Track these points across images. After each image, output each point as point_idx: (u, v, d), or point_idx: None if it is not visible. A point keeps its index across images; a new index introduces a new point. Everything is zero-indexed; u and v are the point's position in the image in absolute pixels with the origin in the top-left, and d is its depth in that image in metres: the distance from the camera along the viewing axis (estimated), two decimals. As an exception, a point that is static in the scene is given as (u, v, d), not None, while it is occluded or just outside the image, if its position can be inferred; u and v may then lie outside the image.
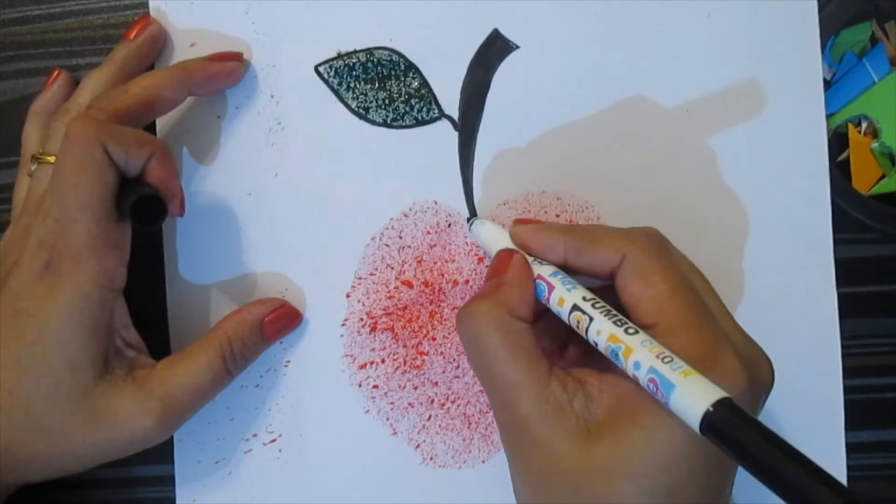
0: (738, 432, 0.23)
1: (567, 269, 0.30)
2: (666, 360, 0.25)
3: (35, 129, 0.35)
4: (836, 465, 0.36)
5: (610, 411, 0.27)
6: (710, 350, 0.27)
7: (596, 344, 0.28)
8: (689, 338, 0.27)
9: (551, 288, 0.29)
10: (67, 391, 0.30)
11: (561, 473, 0.27)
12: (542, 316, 0.31)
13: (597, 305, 0.28)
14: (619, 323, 0.27)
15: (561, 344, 0.33)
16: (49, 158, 0.32)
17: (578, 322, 0.28)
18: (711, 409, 0.23)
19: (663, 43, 0.36)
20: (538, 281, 0.30)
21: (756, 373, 0.28)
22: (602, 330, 0.27)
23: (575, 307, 0.28)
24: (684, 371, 0.25)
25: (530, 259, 0.31)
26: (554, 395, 0.27)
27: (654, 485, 0.26)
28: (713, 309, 0.29)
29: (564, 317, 0.29)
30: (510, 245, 0.32)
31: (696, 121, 0.36)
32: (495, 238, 0.33)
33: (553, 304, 0.29)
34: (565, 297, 0.29)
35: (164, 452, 0.36)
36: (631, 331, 0.27)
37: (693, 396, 0.24)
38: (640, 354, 0.26)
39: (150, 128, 0.36)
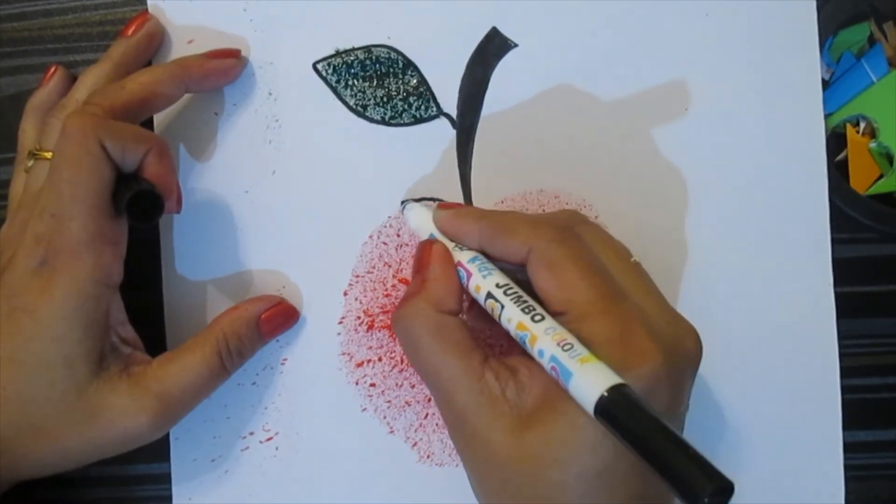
0: (627, 418, 0.24)
1: (486, 255, 0.31)
2: (566, 347, 0.26)
3: (31, 126, 0.34)
4: (833, 464, 0.36)
5: (538, 399, 0.27)
6: (620, 332, 0.27)
7: (508, 331, 0.28)
8: (598, 322, 0.27)
9: (469, 275, 0.30)
10: (62, 387, 0.29)
11: (498, 464, 0.27)
12: None
13: (509, 292, 0.28)
14: (527, 310, 0.28)
15: None
16: (45, 155, 0.32)
17: (493, 309, 0.29)
18: (605, 394, 0.24)
19: (661, 41, 0.36)
20: (458, 268, 0.30)
21: (676, 347, 0.28)
22: (512, 318, 0.28)
23: (489, 294, 0.29)
24: (582, 358, 0.25)
25: (451, 245, 0.31)
26: (488, 386, 0.28)
27: (581, 469, 0.26)
28: (629, 287, 0.29)
29: (482, 303, 0.29)
30: (436, 231, 0.32)
31: (694, 120, 0.36)
32: (423, 224, 0.33)
33: (472, 291, 0.30)
34: (481, 284, 0.29)
35: (160, 450, 0.36)
36: (537, 318, 0.27)
37: (587, 383, 0.25)
38: (543, 342, 0.26)
39: (148, 124, 0.36)
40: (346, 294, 0.36)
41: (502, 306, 0.28)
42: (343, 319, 0.36)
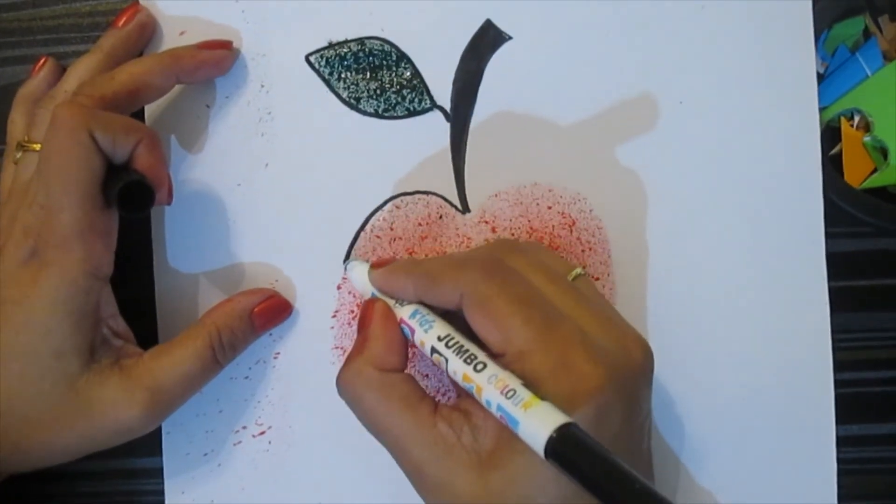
0: (574, 457, 0.24)
1: (428, 306, 0.31)
2: (509, 394, 0.26)
3: (20, 117, 0.34)
4: (826, 458, 0.36)
5: (495, 439, 0.27)
6: (559, 361, 0.27)
7: (457, 382, 0.28)
8: (537, 356, 0.27)
9: (412, 331, 0.30)
10: (52, 380, 0.29)
11: None
12: None
13: (451, 344, 0.29)
14: (469, 360, 0.28)
15: None
16: (34, 146, 0.32)
17: (438, 363, 0.29)
18: (553, 434, 0.24)
19: (656, 35, 0.36)
20: (402, 325, 0.30)
21: (622, 362, 0.28)
22: (456, 370, 0.28)
23: (433, 349, 0.29)
24: (525, 403, 0.25)
25: (392, 302, 0.31)
26: (441, 435, 0.28)
27: (548, 501, 0.26)
28: (567, 308, 0.28)
29: (429, 357, 0.29)
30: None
31: (688, 113, 0.36)
32: (365, 282, 0.33)
33: (418, 346, 0.30)
34: (423, 338, 0.29)
35: (152, 444, 0.36)
36: (479, 367, 0.27)
37: (533, 429, 0.25)
38: (487, 392, 0.27)
39: (139, 116, 0.36)
40: (339, 288, 0.36)
41: (446, 360, 0.28)
42: (336, 313, 0.36)
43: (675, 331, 0.36)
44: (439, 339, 0.29)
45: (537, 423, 0.25)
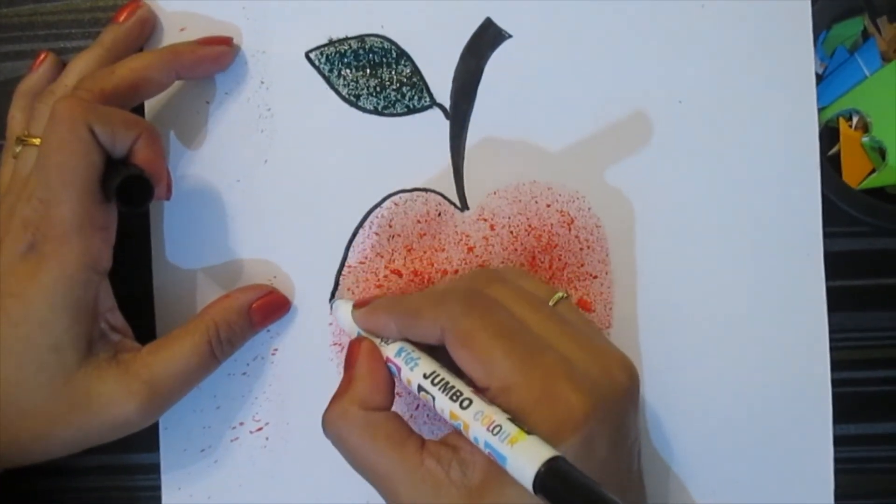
0: (562, 491, 0.24)
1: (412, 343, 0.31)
2: (495, 430, 0.26)
3: (20, 111, 0.34)
4: (823, 458, 0.36)
5: (485, 472, 0.27)
6: (543, 392, 0.27)
7: (445, 419, 0.28)
8: (521, 389, 0.27)
9: (398, 368, 0.30)
10: (50, 374, 0.29)
11: None
12: None
13: (436, 381, 0.29)
14: (455, 397, 0.28)
15: None
16: (34, 140, 0.32)
17: (426, 400, 0.29)
18: (541, 469, 0.24)
19: (656, 34, 0.36)
20: (388, 364, 0.31)
21: (606, 386, 0.28)
22: (443, 408, 0.28)
23: (420, 387, 0.29)
24: (511, 439, 0.26)
25: (378, 341, 0.31)
26: (429, 472, 0.28)
27: None
28: (548, 336, 0.28)
29: (416, 395, 0.30)
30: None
31: (687, 112, 0.36)
32: (349, 321, 0.33)
33: (405, 384, 0.30)
34: (410, 377, 0.30)
35: (149, 440, 0.36)
36: (465, 403, 0.27)
37: (520, 465, 0.25)
38: (474, 429, 0.27)
39: (139, 111, 0.36)
40: (337, 285, 0.36)
41: (433, 397, 0.29)
42: (334, 310, 0.36)
43: (673, 329, 0.36)
44: (425, 376, 0.29)
45: (524, 458, 0.25)
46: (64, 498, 0.37)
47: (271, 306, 0.35)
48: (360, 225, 0.36)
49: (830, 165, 0.37)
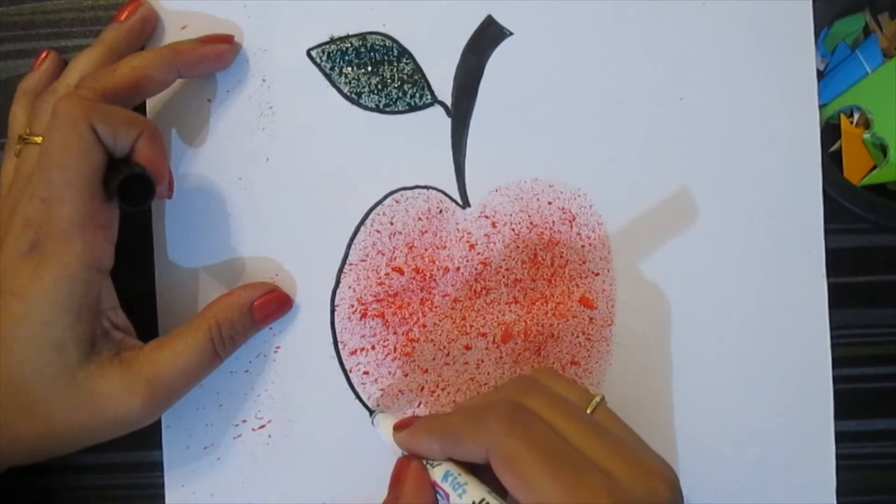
0: None
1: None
2: None
3: (22, 110, 0.34)
4: (824, 454, 0.36)
5: None
6: None
7: None
8: None
9: (446, 494, 0.30)
10: (53, 372, 0.29)
11: None
12: None
13: None
14: None
15: None
16: (36, 139, 0.32)
17: None
18: None
19: (657, 31, 0.36)
20: (435, 488, 0.30)
21: (647, 498, 0.27)
22: None
23: None
24: None
25: (426, 462, 0.31)
26: None
27: None
28: (591, 451, 0.28)
29: None
30: None
31: (689, 109, 0.36)
32: (392, 438, 0.33)
33: None
34: (458, 503, 0.29)
35: (152, 438, 0.36)
36: None
37: None
38: None
39: (140, 110, 0.36)
40: (339, 282, 0.36)
41: None
42: (337, 307, 0.36)
43: (675, 326, 0.36)
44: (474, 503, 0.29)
45: None
46: (67, 496, 0.37)
47: (273, 304, 0.35)
48: (362, 222, 0.36)
49: (832, 162, 0.37)
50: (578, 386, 0.31)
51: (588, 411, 0.30)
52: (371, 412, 0.36)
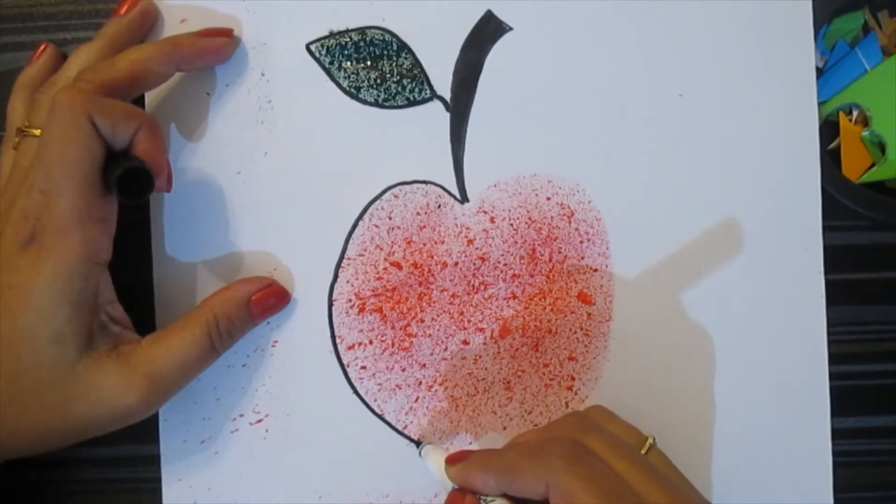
0: None
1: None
2: None
3: (20, 102, 0.34)
4: (821, 451, 0.36)
5: None
6: None
7: None
8: None
9: None
10: (50, 365, 0.29)
11: None
12: None
13: None
14: None
15: None
16: (34, 131, 0.32)
17: None
18: None
19: (657, 27, 0.36)
20: None
21: None
22: None
23: None
24: None
25: (479, 498, 0.31)
26: None
27: None
28: (647, 493, 0.28)
29: None
30: None
31: (688, 105, 0.36)
32: (443, 472, 0.33)
33: None
34: None
35: (149, 432, 0.36)
36: None
37: None
38: None
39: (140, 103, 0.35)
40: (338, 277, 0.36)
41: None
42: (335, 302, 0.36)
43: (673, 322, 0.36)
44: None
45: None
46: (63, 489, 0.37)
47: (271, 298, 0.35)
48: (360, 217, 0.36)
49: (830, 159, 0.37)
50: (631, 426, 0.32)
51: (642, 452, 0.30)
52: (418, 444, 0.35)
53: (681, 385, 0.36)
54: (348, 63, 0.36)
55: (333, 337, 0.36)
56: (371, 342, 0.36)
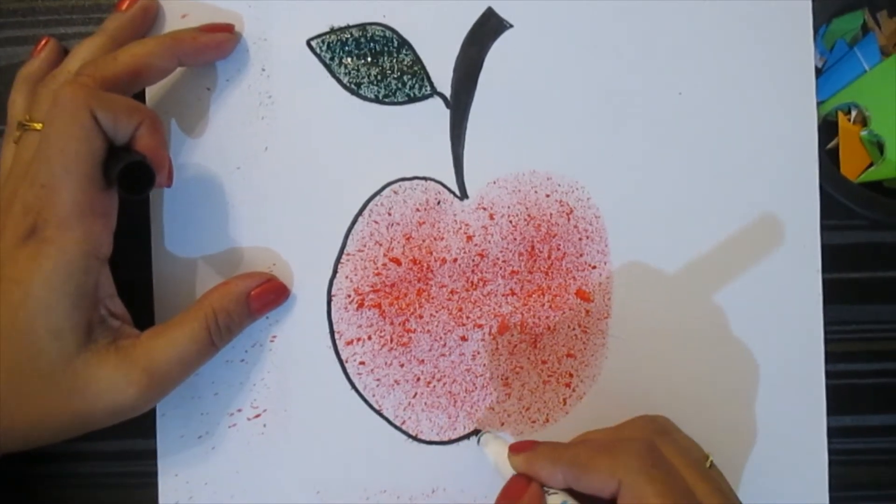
0: None
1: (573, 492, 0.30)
2: None
3: (21, 96, 0.34)
4: (817, 449, 0.36)
5: None
6: None
7: None
8: None
9: None
10: (50, 359, 0.29)
11: None
12: None
13: None
14: None
15: None
16: (35, 125, 0.32)
17: None
18: None
19: (656, 25, 0.36)
20: None
21: None
22: None
23: None
24: None
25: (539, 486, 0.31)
26: None
27: None
28: (707, 500, 0.29)
29: None
30: None
31: (687, 104, 0.36)
32: (503, 461, 0.33)
33: None
34: None
35: (146, 426, 0.36)
36: None
37: None
38: None
39: (140, 99, 0.35)
40: (337, 273, 0.36)
41: None
42: (334, 297, 0.36)
43: (671, 319, 0.36)
44: None
45: None
46: (61, 483, 0.37)
47: (270, 294, 0.35)
48: (360, 213, 0.36)
49: (829, 159, 0.37)
50: (693, 440, 0.32)
51: (706, 465, 0.31)
52: (477, 432, 0.35)
53: (677, 382, 0.36)
54: (349, 59, 0.36)
55: (332, 332, 0.36)
56: (370, 338, 0.36)
